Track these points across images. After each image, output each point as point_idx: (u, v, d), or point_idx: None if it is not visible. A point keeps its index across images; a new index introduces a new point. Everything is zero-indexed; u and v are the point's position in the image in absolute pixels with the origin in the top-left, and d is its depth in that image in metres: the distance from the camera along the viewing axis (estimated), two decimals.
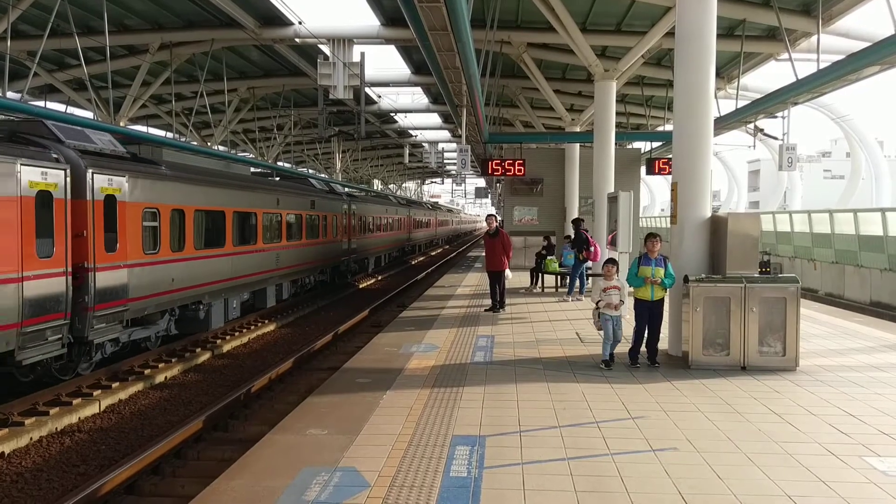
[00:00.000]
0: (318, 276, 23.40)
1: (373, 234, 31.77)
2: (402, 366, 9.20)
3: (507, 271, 14.17)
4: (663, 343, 9.75)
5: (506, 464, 5.63)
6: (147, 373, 11.98)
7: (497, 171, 22.69)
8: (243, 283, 16.62)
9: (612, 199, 15.40)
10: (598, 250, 16.17)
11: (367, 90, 24.52)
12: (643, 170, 26.00)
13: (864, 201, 34.33)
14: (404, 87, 29.35)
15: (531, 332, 11.83)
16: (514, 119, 32.98)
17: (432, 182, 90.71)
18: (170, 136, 30.29)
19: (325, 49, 19.63)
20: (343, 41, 18.53)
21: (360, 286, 27.42)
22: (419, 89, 29.66)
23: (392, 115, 34.08)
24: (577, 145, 25.28)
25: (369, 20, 19.01)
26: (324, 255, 23.30)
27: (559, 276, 18.13)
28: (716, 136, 18.09)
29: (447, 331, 11.97)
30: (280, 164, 39.53)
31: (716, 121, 13.05)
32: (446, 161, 52.28)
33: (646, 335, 9.25)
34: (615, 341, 9.18)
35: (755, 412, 7.09)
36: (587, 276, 16.60)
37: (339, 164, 42.21)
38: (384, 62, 73.08)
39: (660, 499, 4.99)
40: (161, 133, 31.53)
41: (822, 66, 15.12)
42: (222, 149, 34.59)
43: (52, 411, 9.60)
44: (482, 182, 71.45)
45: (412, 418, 6.83)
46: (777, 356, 8.93)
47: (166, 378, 12.17)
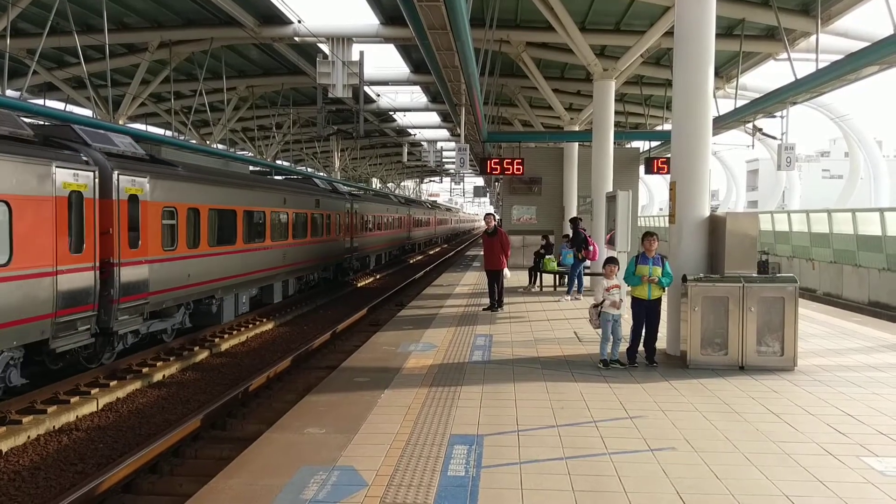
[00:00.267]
0: (322, 273, 23.77)
1: (374, 233, 32.09)
2: (401, 365, 9.20)
3: (505, 270, 14.18)
4: (661, 342, 9.75)
5: (503, 463, 5.63)
6: (145, 371, 11.97)
7: (496, 170, 22.68)
8: (252, 279, 17.25)
9: (611, 198, 15.41)
10: (596, 249, 16.18)
11: (366, 89, 24.55)
12: (642, 169, 26.04)
13: (862, 201, 34.30)
14: (403, 86, 29.34)
15: (529, 332, 11.83)
16: (513, 118, 32.97)
17: (431, 181, 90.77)
18: (169, 134, 30.30)
19: (325, 48, 19.65)
20: (342, 40, 18.56)
21: (359, 285, 27.42)
22: (418, 88, 29.63)
23: (391, 113, 34.08)
24: (576, 144, 25.30)
25: (368, 19, 19.02)
26: (327, 253, 23.63)
27: (557, 276, 18.15)
28: (714, 135, 18.17)
29: (445, 330, 11.97)
30: (279, 162, 39.52)
31: (714, 120, 13.06)
32: (445, 160, 52.31)
33: (643, 334, 9.26)
34: (616, 341, 9.19)
35: (753, 412, 7.09)
36: (584, 275, 16.61)
37: (337, 163, 42.23)
38: (383, 61, 73.28)
39: (658, 498, 4.99)
40: (160, 132, 31.50)
41: (821, 65, 15.12)
42: (221, 147, 34.58)
43: (49, 409, 9.58)
44: (481, 181, 71.34)
45: (410, 417, 6.83)
46: (775, 356, 8.93)
47: (164, 377, 12.17)
